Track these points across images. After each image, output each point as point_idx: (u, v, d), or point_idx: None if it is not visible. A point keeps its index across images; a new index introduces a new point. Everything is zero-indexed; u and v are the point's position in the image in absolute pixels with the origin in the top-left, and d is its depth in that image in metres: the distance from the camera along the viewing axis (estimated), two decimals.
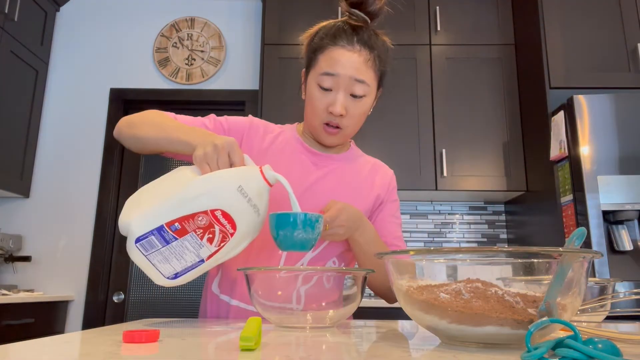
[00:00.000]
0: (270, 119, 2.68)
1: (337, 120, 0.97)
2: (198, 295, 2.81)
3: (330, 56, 0.95)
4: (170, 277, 0.79)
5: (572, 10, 2.40)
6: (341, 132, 1.00)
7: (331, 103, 0.96)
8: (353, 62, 0.95)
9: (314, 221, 0.79)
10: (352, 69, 0.94)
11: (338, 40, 0.96)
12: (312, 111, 1.00)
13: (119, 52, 3.09)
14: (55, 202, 2.87)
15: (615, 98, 2.10)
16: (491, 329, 0.49)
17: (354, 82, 0.95)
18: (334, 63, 0.95)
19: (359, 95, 0.97)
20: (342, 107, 0.95)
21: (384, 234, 1.07)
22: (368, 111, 1.03)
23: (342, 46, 0.95)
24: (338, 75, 0.95)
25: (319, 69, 0.97)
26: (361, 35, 0.97)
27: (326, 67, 0.95)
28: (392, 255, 0.58)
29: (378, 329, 0.75)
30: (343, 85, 0.95)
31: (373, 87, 1.00)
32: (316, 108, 0.98)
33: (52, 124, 2.98)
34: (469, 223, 2.88)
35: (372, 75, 0.98)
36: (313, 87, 0.98)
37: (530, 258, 0.51)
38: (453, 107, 2.68)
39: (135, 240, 0.76)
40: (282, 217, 0.79)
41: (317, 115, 0.98)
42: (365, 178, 1.08)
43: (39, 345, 0.51)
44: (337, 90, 0.96)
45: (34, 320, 2.35)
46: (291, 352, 0.50)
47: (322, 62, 0.96)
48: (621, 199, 1.97)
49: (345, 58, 0.94)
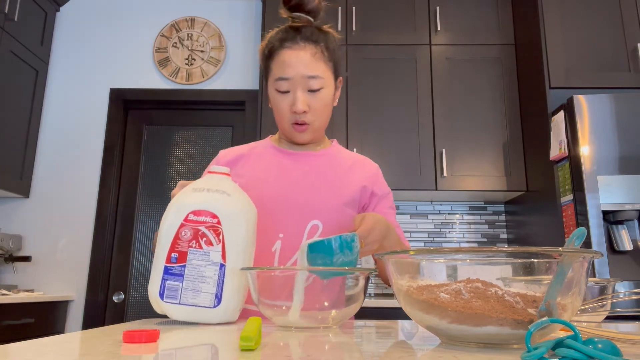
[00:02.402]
0: (270, 118, 2.70)
1: (302, 117, 1.02)
2: None
3: (280, 60, 1.01)
4: (214, 304, 0.75)
5: (572, 10, 2.40)
6: (310, 127, 1.04)
7: (292, 103, 1.01)
8: (301, 59, 1.00)
9: (350, 242, 0.78)
10: (302, 67, 0.99)
11: (284, 42, 1.01)
12: (278, 115, 1.05)
13: (119, 52, 3.09)
14: (55, 202, 2.87)
15: (615, 98, 2.10)
16: (491, 329, 0.49)
17: (307, 79, 1.00)
18: (285, 66, 1.00)
19: (316, 89, 1.01)
20: (303, 104, 1.00)
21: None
22: (332, 101, 1.07)
23: (289, 47, 1.01)
24: (291, 78, 1.00)
25: (273, 76, 1.02)
26: (304, 33, 1.02)
27: (278, 72, 1.01)
28: (392, 255, 0.58)
29: (378, 329, 0.75)
30: (298, 84, 1.00)
31: (328, 78, 1.04)
32: (281, 111, 1.03)
33: (52, 124, 2.98)
34: (469, 223, 2.88)
35: (324, 66, 1.03)
36: (273, 93, 1.04)
37: (530, 258, 0.51)
38: (453, 107, 2.68)
39: (160, 297, 0.76)
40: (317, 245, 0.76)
41: (283, 117, 1.04)
42: (347, 171, 1.10)
43: (39, 345, 0.51)
44: (294, 91, 1.01)
45: (34, 320, 2.35)
46: (291, 352, 0.50)
47: (275, 68, 1.02)
48: (621, 199, 1.97)
49: (293, 58, 1.00)
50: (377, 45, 2.74)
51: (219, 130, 3.03)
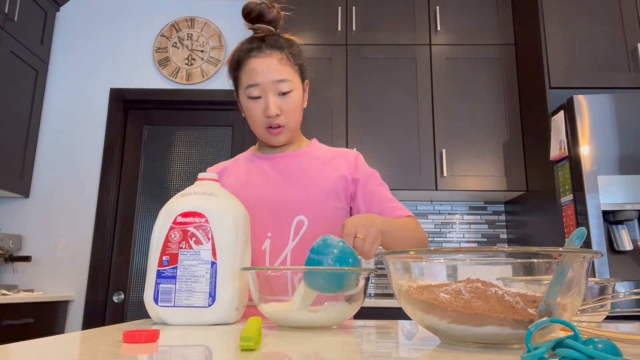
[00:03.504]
0: None
1: (276, 120, 1.06)
2: None
3: (248, 69, 1.05)
4: (208, 303, 0.75)
5: (572, 10, 2.40)
6: (284, 129, 1.08)
7: (265, 108, 1.05)
8: (268, 65, 1.04)
9: (348, 252, 0.76)
10: (270, 72, 1.04)
11: (250, 52, 1.06)
12: (253, 122, 1.09)
13: (119, 52, 3.09)
14: (55, 202, 2.87)
15: (615, 98, 2.10)
16: (491, 329, 0.49)
17: (276, 83, 1.05)
18: (253, 73, 1.05)
19: (286, 92, 1.06)
20: (275, 107, 1.04)
21: (378, 201, 1.11)
22: (302, 103, 1.12)
23: (255, 55, 1.05)
24: (260, 83, 1.04)
25: (243, 84, 1.07)
26: (268, 42, 1.07)
27: (248, 80, 1.05)
28: (392, 255, 0.58)
29: (378, 329, 0.75)
30: (269, 89, 1.04)
31: (296, 81, 1.09)
32: (255, 117, 1.07)
33: (52, 124, 2.98)
34: (469, 223, 2.88)
35: (290, 70, 1.07)
36: (245, 101, 1.08)
37: (530, 258, 0.51)
38: (453, 107, 2.68)
39: (155, 301, 0.76)
40: (315, 264, 0.74)
41: (258, 123, 1.08)
42: (326, 164, 1.14)
43: (39, 345, 0.51)
44: (265, 96, 1.05)
45: (34, 320, 2.35)
46: (291, 352, 0.50)
47: (244, 77, 1.06)
48: (621, 199, 1.97)
49: (260, 65, 1.04)
50: (377, 45, 2.74)
51: (219, 130, 3.03)
